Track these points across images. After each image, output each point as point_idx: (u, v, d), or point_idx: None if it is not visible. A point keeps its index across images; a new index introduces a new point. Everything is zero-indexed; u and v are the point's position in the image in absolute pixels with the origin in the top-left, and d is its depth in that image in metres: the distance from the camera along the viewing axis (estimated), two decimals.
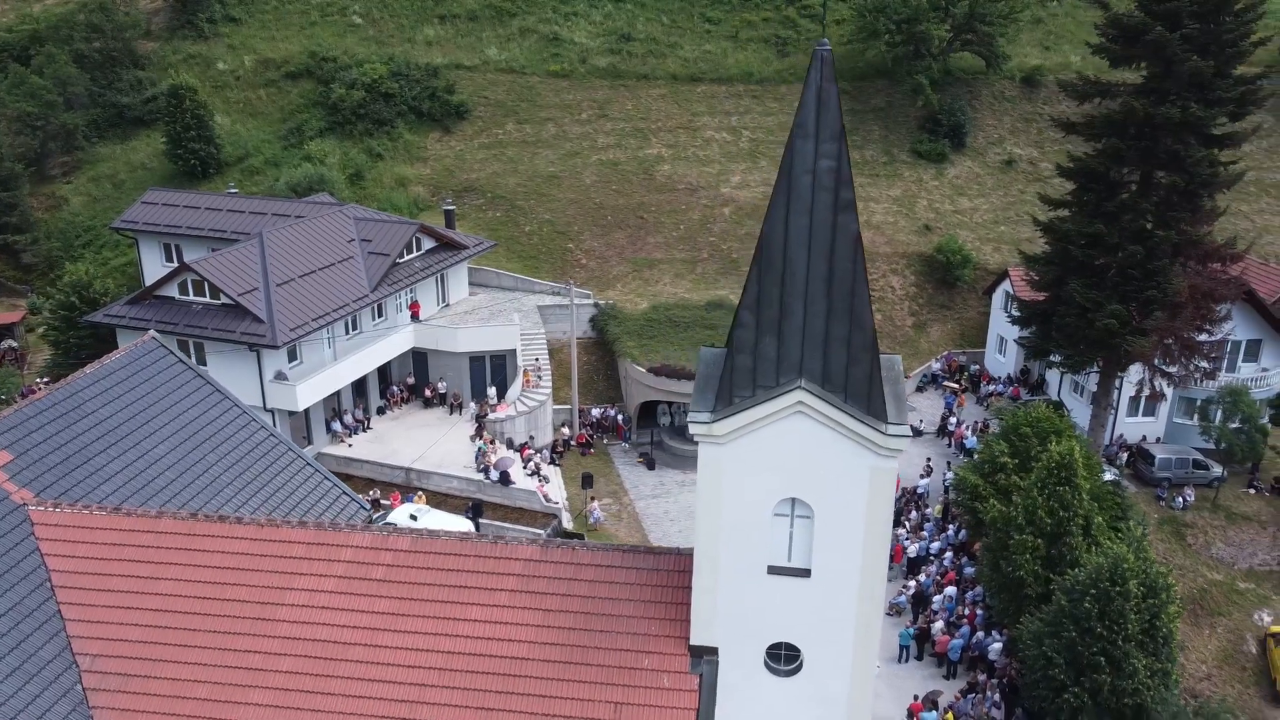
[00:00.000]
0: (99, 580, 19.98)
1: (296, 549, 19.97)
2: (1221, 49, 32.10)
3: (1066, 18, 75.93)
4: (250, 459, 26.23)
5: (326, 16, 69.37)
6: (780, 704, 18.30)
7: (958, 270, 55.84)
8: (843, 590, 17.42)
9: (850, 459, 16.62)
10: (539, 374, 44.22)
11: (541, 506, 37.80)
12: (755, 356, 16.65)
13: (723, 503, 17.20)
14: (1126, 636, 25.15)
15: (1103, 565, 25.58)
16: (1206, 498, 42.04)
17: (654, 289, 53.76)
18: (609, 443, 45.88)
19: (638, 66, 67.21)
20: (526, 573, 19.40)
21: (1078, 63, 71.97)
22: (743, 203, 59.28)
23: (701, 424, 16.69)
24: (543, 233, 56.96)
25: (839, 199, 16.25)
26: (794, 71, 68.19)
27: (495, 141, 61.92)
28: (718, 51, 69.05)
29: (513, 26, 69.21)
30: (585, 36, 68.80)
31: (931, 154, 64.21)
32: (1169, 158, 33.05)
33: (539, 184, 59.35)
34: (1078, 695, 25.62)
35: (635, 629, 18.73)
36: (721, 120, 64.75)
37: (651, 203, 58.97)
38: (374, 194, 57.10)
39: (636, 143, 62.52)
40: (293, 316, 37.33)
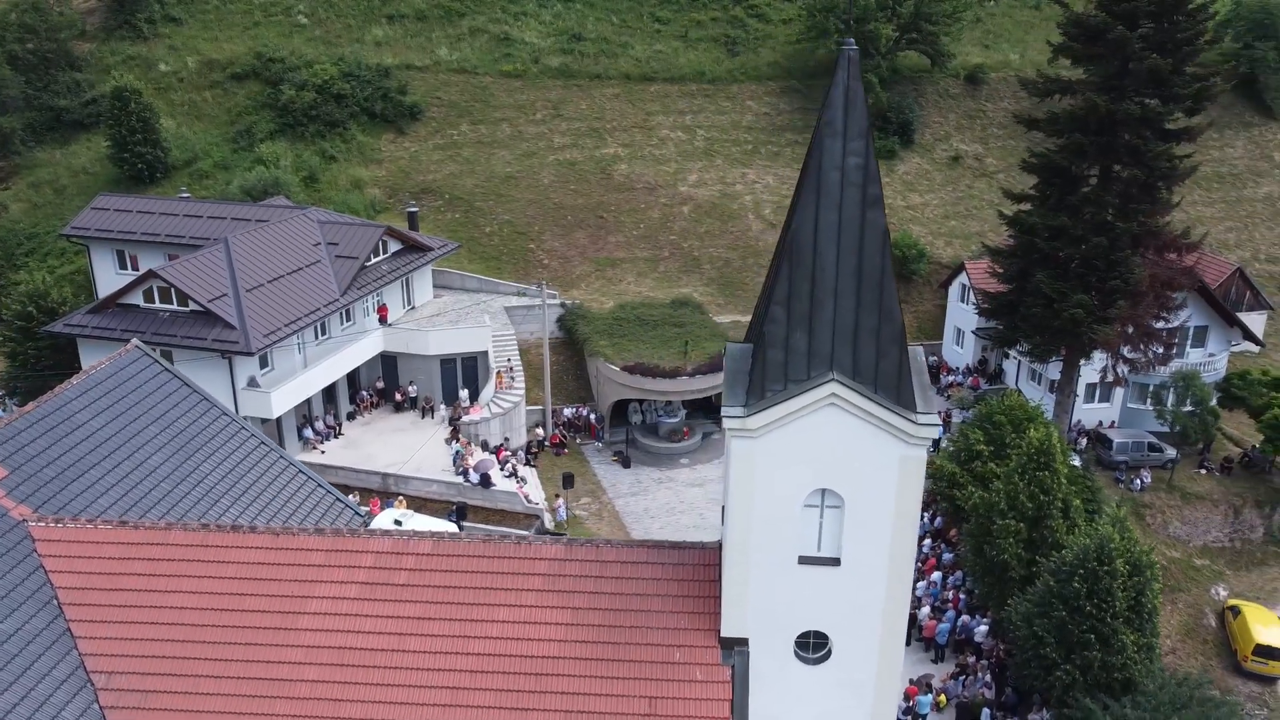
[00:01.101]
0: (108, 596, 19.46)
1: (315, 556, 19.69)
2: (1177, 47, 33.52)
3: (1004, 17, 78.09)
4: (243, 467, 25.75)
5: (271, 16, 68.00)
6: (809, 691, 18.62)
7: (913, 265, 57.05)
8: (872, 578, 17.81)
9: (881, 449, 17.01)
10: (512, 375, 44.05)
11: (524, 508, 37.71)
12: (787, 350, 16.93)
13: (755, 495, 17.44)
14: (1114, 613, 26.10)
15: (1089, 546, 26.50)
16: (1162, 479, 43.69)
17: (618, 288, 53.92)
18: (582, 442, 45.91)
19: (590, 66, 67.26)
20: (552, 571, 19.42)
21: (1017, 61, 74.25)
22: (701, 201, 59.77)
23: (735, 418, 16.90)
24: (503, 233, 56.70)
25: (866, 195, 16.63)
26: (745, 71, 69.01)
27: (450, 142, 61.42)
28: (669, 51, 69.45)
29: (463, 26, 68.68)
30: (536, 36, 68.62)
31: (881, 151, 65.35)
32: (1129, 152, 34.39)
33: (497, 185, 59.06)
34: (1069, 672, 26.51)
35: (664, 623, 18.88)
36: (676, 119, 65.14)
37: (610, 202, 59.11)
38: (329, 196, 56.21)
39: (593, 142, 62.58)
40: (265, 322, 36.64)
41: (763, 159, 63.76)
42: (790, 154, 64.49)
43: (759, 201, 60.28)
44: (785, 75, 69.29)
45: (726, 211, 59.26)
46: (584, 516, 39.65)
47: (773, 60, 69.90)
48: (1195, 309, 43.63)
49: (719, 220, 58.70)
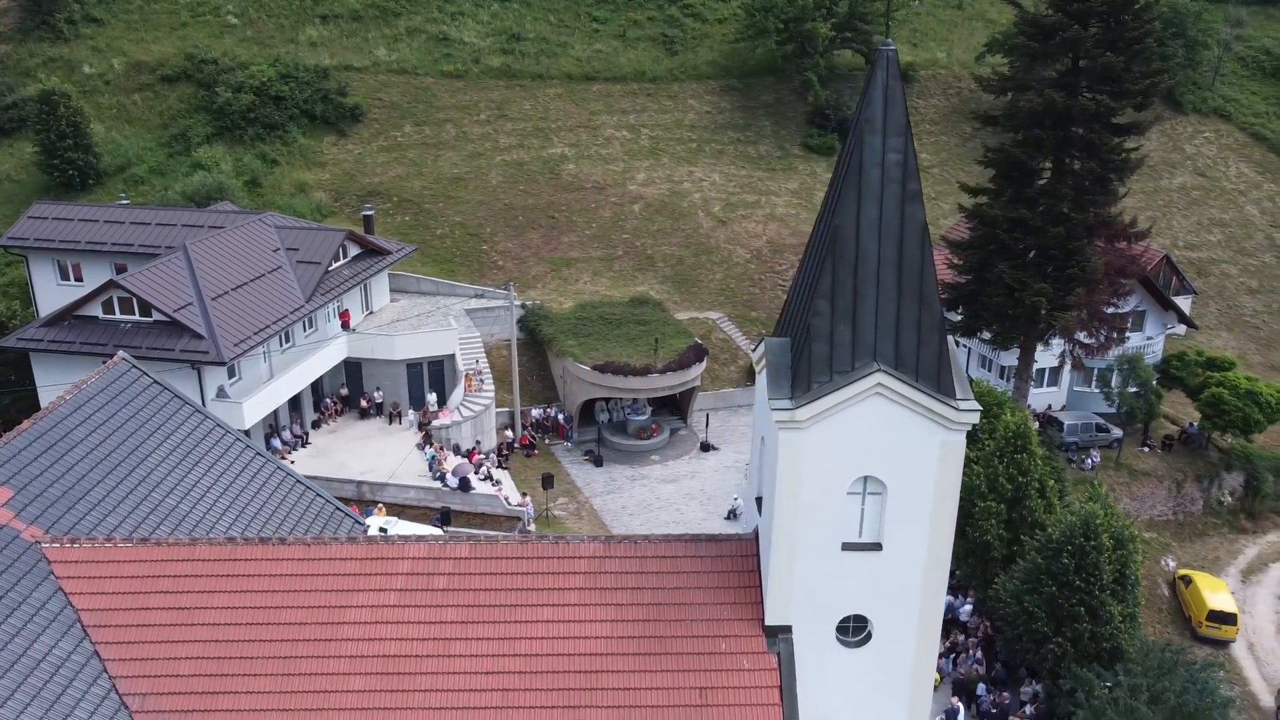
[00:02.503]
0: (136, 616, 18.89)
1: (350, 565, 19.43)
2: (1127, 45, 35.24)
3: (929, 16, 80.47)
4: (243, 478, 25.14)
5: (198, 17, 66.01)
6: (849, 674, 19.13)
7: None
8: (912, 561, 18.41)
9: (923, 435, 17.61)
10: (481, 378, 43.75)
11: (505, 510, 37.56)
12: (831, 343, 17.40)
13: (801, 485, 17.86)
14: (1101, 586, 27.37)
15: (1075, 522, 27.73)
16: (1109, 458, 45.73)
17: (574, 287, 53.96)
18: (551, 443, 45.87)
19: (531, 66, 67.11)
20: (592, 569, 19.54)
21: (944, 59, 76.67)
22: (651, 200, 60.18)
23: (784, 411, 17.30)
24: (455, 235, 56.20)
25: (906, 190, 17.16)
26: (684, 70, 69.69)
27: (394, 144, 60.58)
28: (609, 50, 69.72)
29: (399, 26, 67.78)
30: (475, 36, 68.14)
31: (822, 147, 66.86)
32: (1083, 146, 36.02)
33: (445, 186, 58.49)
34: (1060, 645, 27.70)
35: (708, 615, 19.19)
36: (620, 119, 65.43)
37: (561, 202, 59.08)
38: (274, 201, 54.92)
39: (539, 143, 62.45)
40: (234, 331, 35.73)
41: (708, 157, 64.49)
42: (734, 152, 65.46)
43: (708, 199, 60.97)
44: (724, 74, 70.20)
45: (677, 210, 59.78)
46: (563, 516, 39.67)
47: (711, 59, 70.75)
48: (1135, 295, 45.77)
49: (670, 218, 59.17)
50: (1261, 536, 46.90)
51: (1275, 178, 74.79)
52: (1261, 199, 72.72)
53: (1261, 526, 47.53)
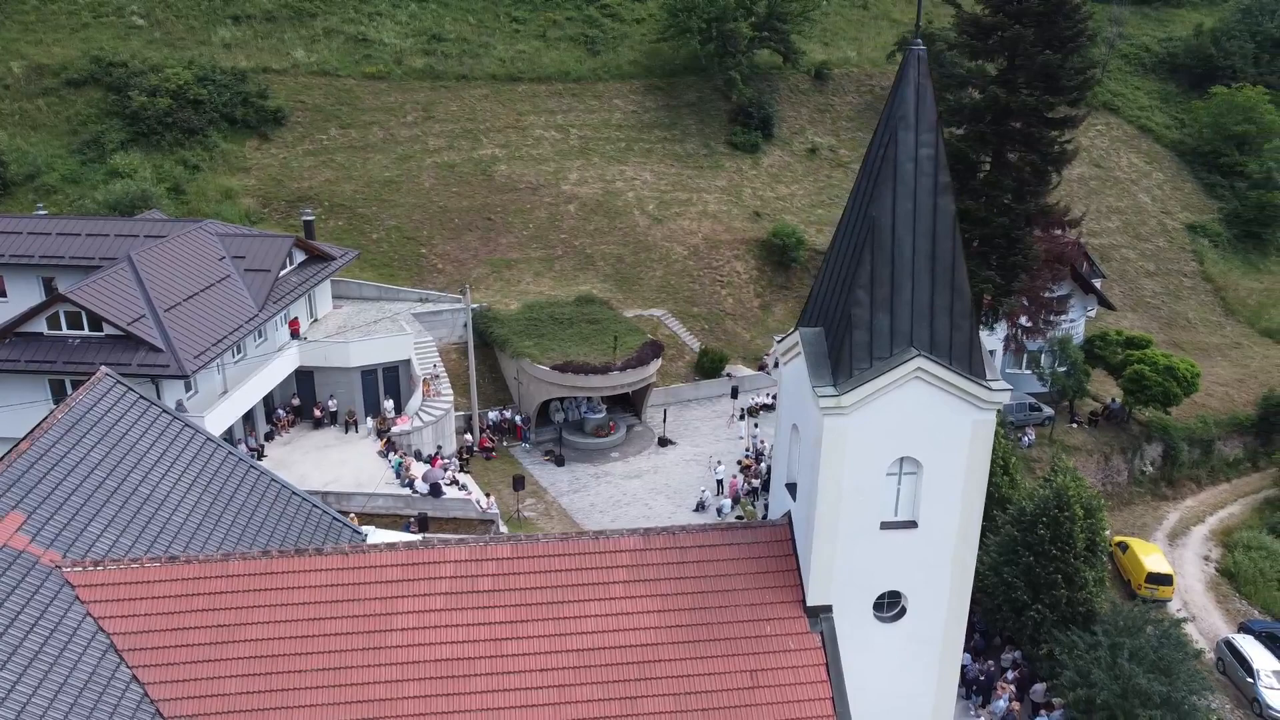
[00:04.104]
0: (173, 636, 18.33)
1: (392, 572, 19.26)
2: (1063, 43, 37.29)
3: (838, 16, 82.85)
4: (242, 491, 24.52)
5: (100, 18, 63.03)
6: (884, 648, 19.97)
7: (793, 252, 59.91)
8: (944, 537, 19.35)
9: (957, 416, 18.54)
10: (439, 382, 43.29)
11: (477, 514, 37.34)
12: (871, 331, 18.16)
13: (844, 469, 18.57)
14: (1075, 554, 29.04)
15: (1048, 495, 29.33)
16: (1043, 435, 48.26)
17: (517, 288, 53.80)
18: (509, 445, 45.71)
19: (455, 67, 66.41)
20: (634, 562, 19.85)
21: (855, 57, 79.11)
22: (586, 199, 60.38)
23: (830, 397, 17.97)
24: (392, 239, 55.30)
25: (938, 183, 18.02)
26: (608, 70, 70.05)
27: (321, 148, 59.16)
28: (531, 51, 69.55)
29: (316, 27, 66.14)
30: (395, 37, 67.03)
31: (746, 145, 68.20)
32: (1023, 139, 37.95)
33: (377, 190, 57.46)
34: (1040, 612, 29.26)
35: (750, 600, 19.73)
36: (548, 119, 65.38)
37: (496, 203, 58.74)
38: (199, 208, 53.02)
39: (469, 144, 61.91)
40: (192, 342, 34.52)
41: (637, 156, 65.03)
42: (662, 150, 66.19)
43: (641, 198, 61.52)
44: (647, 74, 70.82)
45: (612, 208, 60.14)
46: (533, 517, 39.65)
47: (633, 59, 71.31)
48: (1066, 280, 48.38)
49: (606, 217, 59.50)
50: (1180, 502, 50.25)
51: (1162, 167, 79.83)
52: (1151, 187, 77.52)
53: (1180, 493, 50.93)
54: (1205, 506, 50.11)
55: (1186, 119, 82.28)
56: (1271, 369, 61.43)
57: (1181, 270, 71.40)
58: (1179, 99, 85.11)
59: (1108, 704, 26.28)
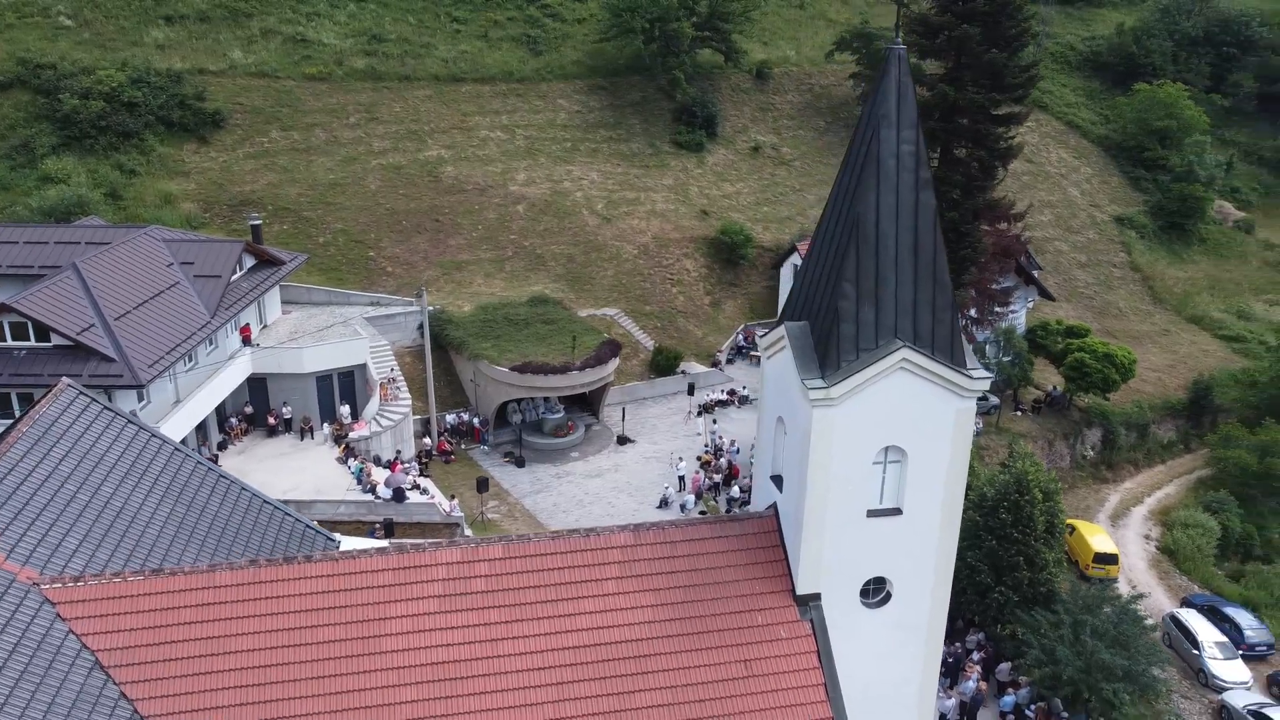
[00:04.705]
0: (160, 651, 17.94)
1: (383, 577, 19.10)
2: (1007, 43, 38.37)
3: (775, 15, 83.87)
4: (214, 501, 24.07)
5: (25, 18, 60.94)
6: (871, 634, 20.41)
7: (741, 250, 60.53)
8: (928, 523, 19.86)
9: (940, 404, 19.07)
10: (396, 386, 42.82)
11: (441, 517, 37.04)
12: (858, 323, 18.56)
13: (833, 459, 18.96)
14: (1036, 536, 29.96)
15: (1009, 480, 30.21)
16: (990, 423, 49.53)
17: (469, 290, 53.45)
18: (467, 447, 45.41)
19: (397, 68, 65.70)
20: (625, 558, 19.98)
21: (794, 56, 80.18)
22: (534, 200, 60.22)
23: (819, 389, 18.32)
24: (339, 243, 54.50)
25: (919, 178, 18.51)
26: (551, 70, 69.94)
27: (262, 151, 58.02)
28: (474, 51, 69.13)
29: (253, 27, 64.84)
30: (334, 37, 66.05)
31: (690, 144, 68.66)
32: (970, 136, 38.97)
33: (322, 193, 56.57)
34: (1004, 593, 30.12)
35: (740, 591, 20.02)
36: (493, 119, 65.06)
37: (444, 205, 58.28)
38: (138, 214, 51.60)
39: (414, 145, 61.29)
40: (145, 351, 33.65)
41: (584, 156, 65.06)
42: (609, 150, 66.31)
43: (590, 198, 61.56)
44: (590, 74, 70.87)
45: (561, 208, 60.08)
46: (496, 519, 39.49)
47: (576, 59, 71.31)
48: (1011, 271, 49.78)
49: (555, 217, 59.41)
50: (1120, 484, 52.04)
51: (1089, 161, 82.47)
52: (1080, 181, 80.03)
53: (1119, 475, 52.74)
54: (1143, 488, 51.96)
55: (1111, 115, 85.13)
56: (1199, 354, 63.96)
57: (1111, 261, 73.88)
58: (1104, 96, 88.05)
59: (1073, 679, 27.21)
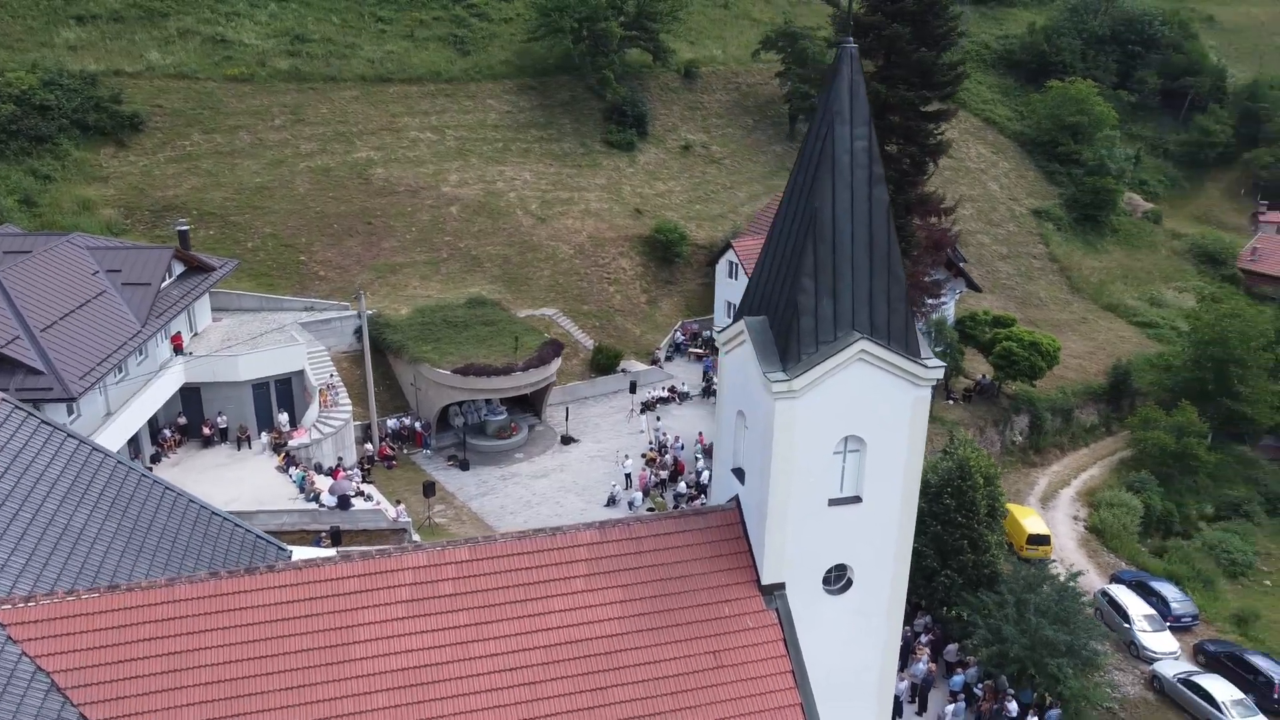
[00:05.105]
0: (121, 669, 17.44)
1: (349, 584, 18.85)
2: (935, 41, 39.40)
3: (701, 15, 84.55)
4: (161, 515, 23.45)
5: None
6: (833, 620, 20.85)
7: (676, 248, 60.95)
8: (887, 509, 20.39)
9: (897, 394, 19.57)
10: (335, 392, 42.10)
11: (388, 523, 36.59)
12: (817, 316, 18.95)
13: (795, 450, 19.32)
14: (979, 519, 30.90)
15: (952, 467, 31.08)
16: None
17: (405, 293, 52.80)
18: (409, 452, 44.89)
19: (321, 68, 64.51)
20: (592, 555, 20.06)
21: (721, 56, 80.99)
22: (468, 201, 59.75)
23: (782, 382, 18.66)
24: (269, 247, 53.32)
25: (872, 173, 18.95)
26: (479, 70, 69.46)
27: (184, 154, 56.42)
28: (400, 51, 68.25)
29: (169, 28, 62.98)
30: (255, 37, 64.55)
31: (622, 143, 68.88)
32: (902, 132, 39.92)
33: (249, 196, 55.26)
34: (950, 576, 30.99)
35: (707, 584, 20.27)
36: (423, 120, 64.34)
37: (375, 207, 57.44)
38: (55, 221, 49.78)
39: (343, 147, 60.28)
40: (75, 363, 32.51)
41: (515, 156, 64.77)
42: (540, 150, 66.12)
43: (524, 198, 61.33)
44: (519, 74, 70.56)
45: (495, 209, 59.73)
46: (444, 523, 39.14)
47: (505, 59, 70.93)
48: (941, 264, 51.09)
49: (490, 218, 59.04)
50: (1048, 468, 53.88)
51: (1007, 156, 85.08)
52: (999, 175, 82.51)
53: (1046, 459, 54.59)
54: (1069, 470, 53.89)
55: (1026, 111, 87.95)
56: (1116, 341, 66.53)
57: (1031, 253, 76.34)
58: (1018, 93, 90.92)
59: (1019, 657, 28.16)
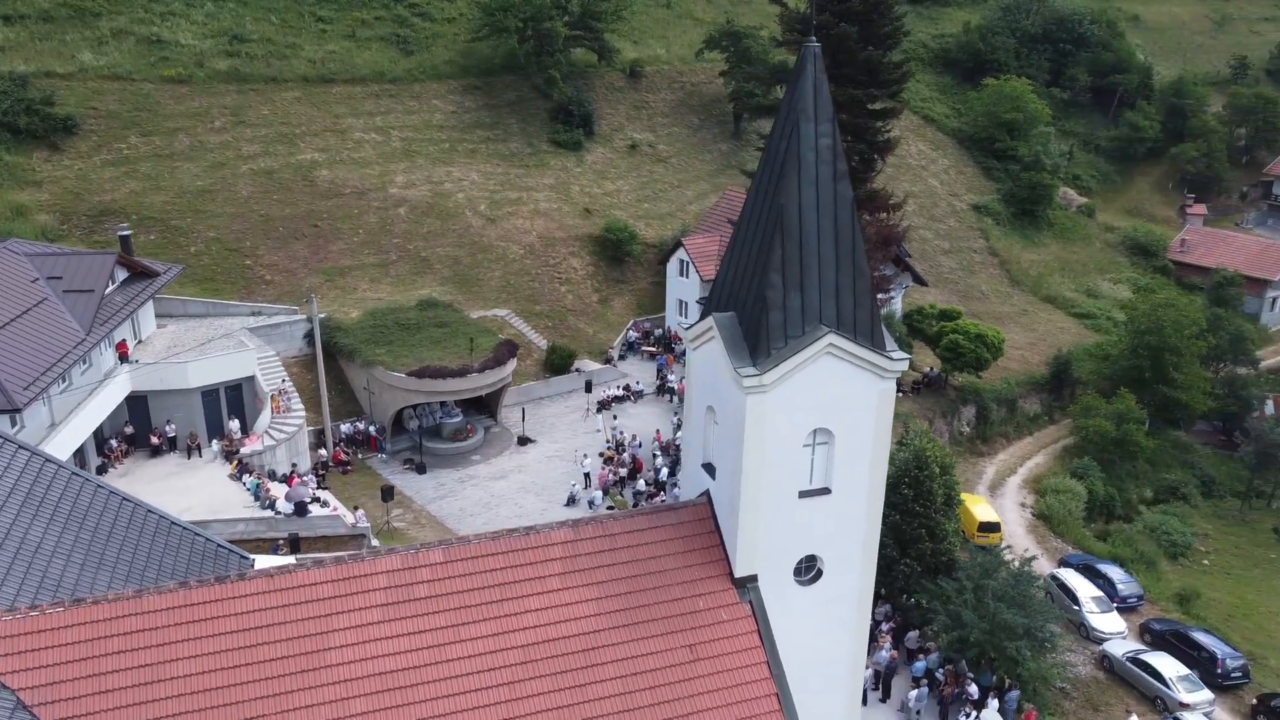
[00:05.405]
0: (88, 684, 17.06)
1: (323, 589, 18.67)
2: (881, 41, 40.06)
3: (644, 15, 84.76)
4: (119, 526, 22.98)
5: None
6: (804, 610, 21.17)
7: (626, 247, 61.10)
8: (855, 500, 20.73)
9: (864, 386, 19.95)
10: (287, 398, 41.44)
11: (346, 529, 36.17)
12: (785, 311, 19.23)
13: (766, 443, 19.58)
14: (935, 508, 31.57)
15: (908, 457, 31.70)
16: None
17: (354, 296, 52.17)
18: (364, 457, 44.37)
19: (262, 69, 63.39)
20: (567, 554, 20.12)
21: (665, 55, 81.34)
22: (416, 202, 59.21)
23: (753, 377, 18.90)
24: (212, 252, 52.26)
25: (836, 170, 19.30)
26: (424, 70, 68.85)
27: (121, 158, 55.03)
28: (341, 51, 67.36)
29: (102, 28, 61.35)
30: (192, 38, 63.18)
31: (569, 143, 68.81)
32: (851, 130, 40.54)
33: (191, 200, 54.10)
34: (909, 565, 31.61)
35: (680, 578, 20.44)
36: (367, 121, 63.59)
37: (322, 210, 56.64)
38: None
39: (286, 149, 59.30)
40: (19, 373, 31.59)
41: (462, 157, 64.35)
42: (487, 150, 65.78)
43: (472, 199, 60.96)
44: (464, 74, 70.10)
45: (443, 210, 59.29)
46: (403, 527, 38.80)
47: (449, 59, 70.41)
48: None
49: (439, 219, 58.59)
50: (994, 457, 55.13)
51: (946, 153, 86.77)
52: (939, 172, 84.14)
53: (993, 449, 55.86)
54: (1015, 459, 55.21)
55: (963, 109, 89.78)
56: (1056, 331, 68.31)
57: (972, 247, 78.00)
58: (955, 90, 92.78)
59: (978, 641, 28.84)
